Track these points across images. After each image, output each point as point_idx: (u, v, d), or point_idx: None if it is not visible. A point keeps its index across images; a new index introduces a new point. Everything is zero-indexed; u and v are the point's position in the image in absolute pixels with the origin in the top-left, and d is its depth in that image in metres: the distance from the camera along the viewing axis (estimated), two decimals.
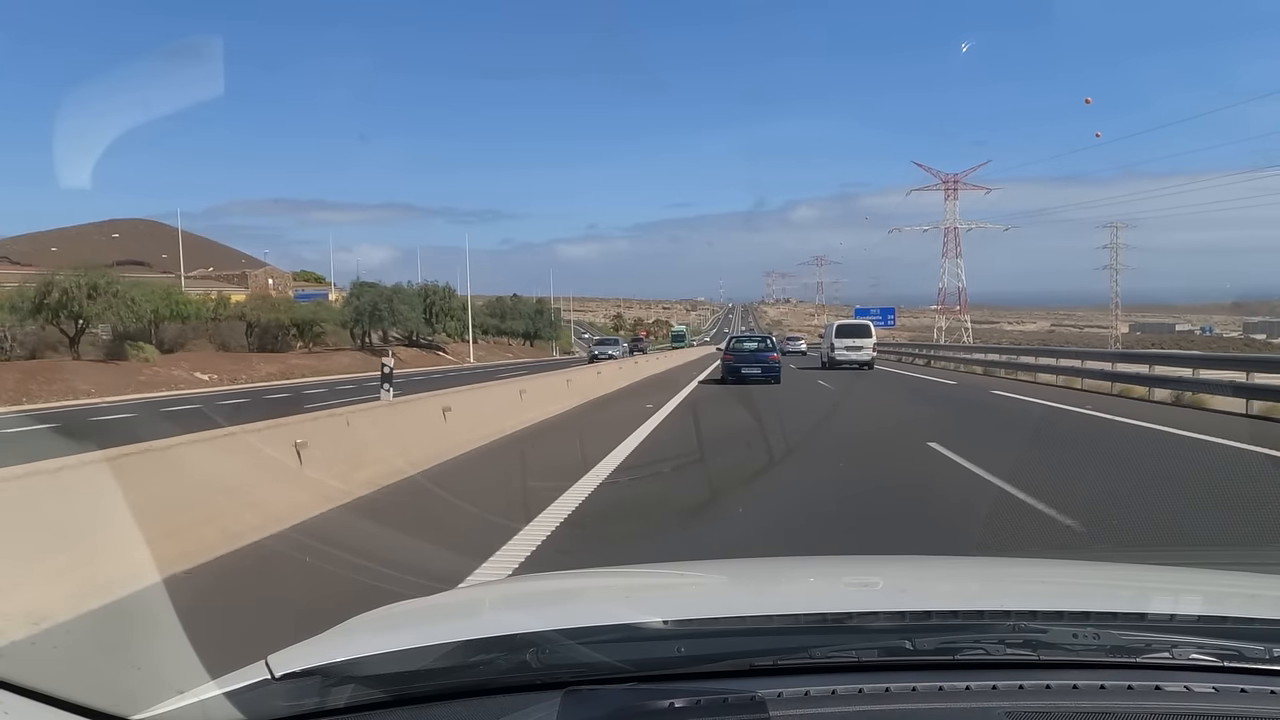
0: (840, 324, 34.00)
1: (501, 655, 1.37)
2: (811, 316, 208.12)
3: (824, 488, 7.90)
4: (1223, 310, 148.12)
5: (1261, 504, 6.86)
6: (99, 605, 4.05)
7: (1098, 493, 7.47)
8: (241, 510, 5.60)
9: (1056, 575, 2.22)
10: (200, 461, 5.56)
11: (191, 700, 1.31)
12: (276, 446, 6.43)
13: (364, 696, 1.30)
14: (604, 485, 7.89)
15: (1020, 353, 30.15)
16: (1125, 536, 5.79)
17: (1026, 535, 5.82)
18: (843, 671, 1.33)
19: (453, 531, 6.16)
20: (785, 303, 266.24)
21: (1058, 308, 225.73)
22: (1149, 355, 21.28)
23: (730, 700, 1.25)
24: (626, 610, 1.70)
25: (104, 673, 2.79)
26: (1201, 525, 6.26)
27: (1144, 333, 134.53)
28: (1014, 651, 1.35)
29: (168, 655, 2.90)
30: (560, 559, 5.13)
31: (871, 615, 1.57)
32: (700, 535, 6.03)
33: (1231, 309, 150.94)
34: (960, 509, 6.92)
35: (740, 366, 23.31)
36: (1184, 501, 7.19)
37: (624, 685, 1.31)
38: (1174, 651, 1.36)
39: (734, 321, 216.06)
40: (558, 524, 6.19)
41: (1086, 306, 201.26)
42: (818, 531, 6.18)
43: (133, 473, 4.81)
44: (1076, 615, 1.50)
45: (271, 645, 1.46)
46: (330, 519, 6.29)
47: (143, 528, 4.50)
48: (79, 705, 1.33)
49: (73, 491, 4.43)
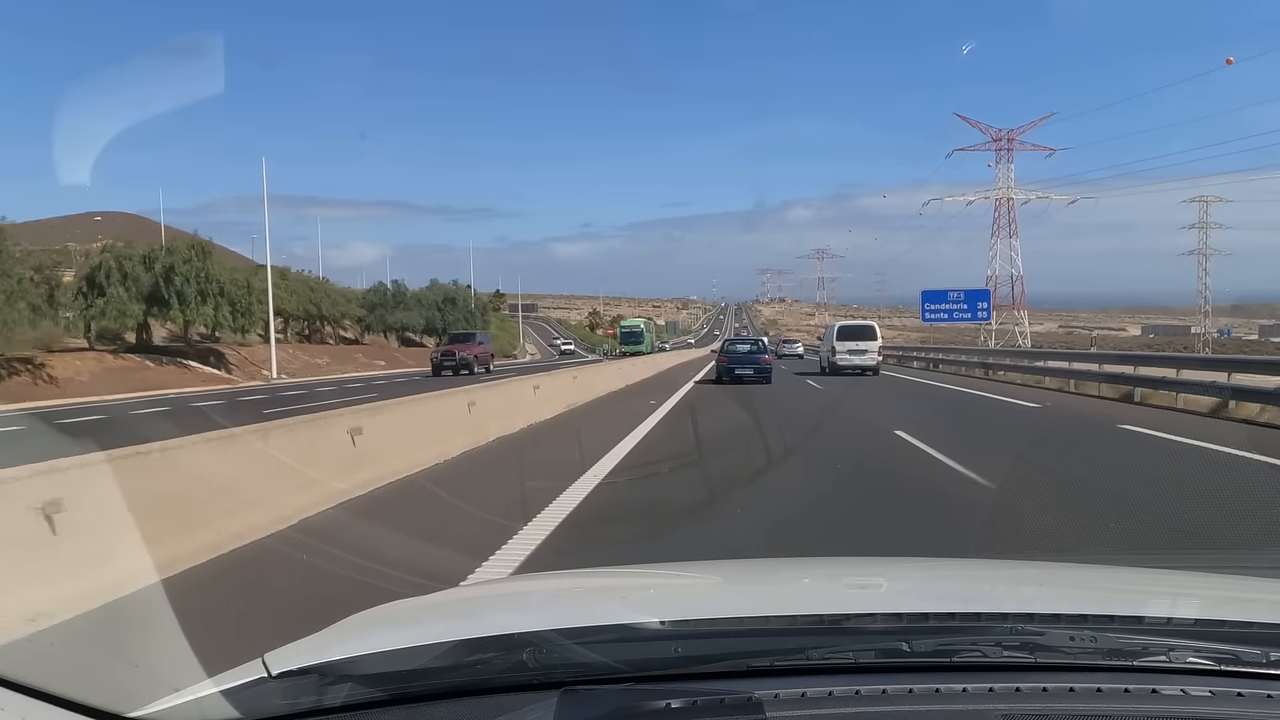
0: (842, 325, 30.82)
1: (498, 655, 1.37)
2: (810, 316, 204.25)
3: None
4: (1222, 313, 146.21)
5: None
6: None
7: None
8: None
9: (1054, 578, 2.23)
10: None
11: (188, 698, 1.31)
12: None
13: (361, 695, 1.30)
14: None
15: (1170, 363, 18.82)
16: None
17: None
18: (840, 673, 1.33)
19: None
20: (780, 302, 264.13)
21: (1116, 308, 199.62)
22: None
23: (727, 701, 1.25)
24: (623, 610, 1.70)
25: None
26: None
27: (1156, 335, 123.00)
28: (1011, 654, 1.35)
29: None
30: None
31: (869, 617, 1.57)
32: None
33: (1231, 312, 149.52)
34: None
35: (734, 367, 25.23)
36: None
37: (621, 685, 1.31)
38: (1171, 655, 1.36)
39: (727, 321, 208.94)
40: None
41: (1145, 307, 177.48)
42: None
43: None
44: (1073, 618, 1.50)
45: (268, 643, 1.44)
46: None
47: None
48: (76, 703, 1.33)
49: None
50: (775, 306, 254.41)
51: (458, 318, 62.71)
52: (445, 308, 63.65)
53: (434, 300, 64.01)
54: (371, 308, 60.88)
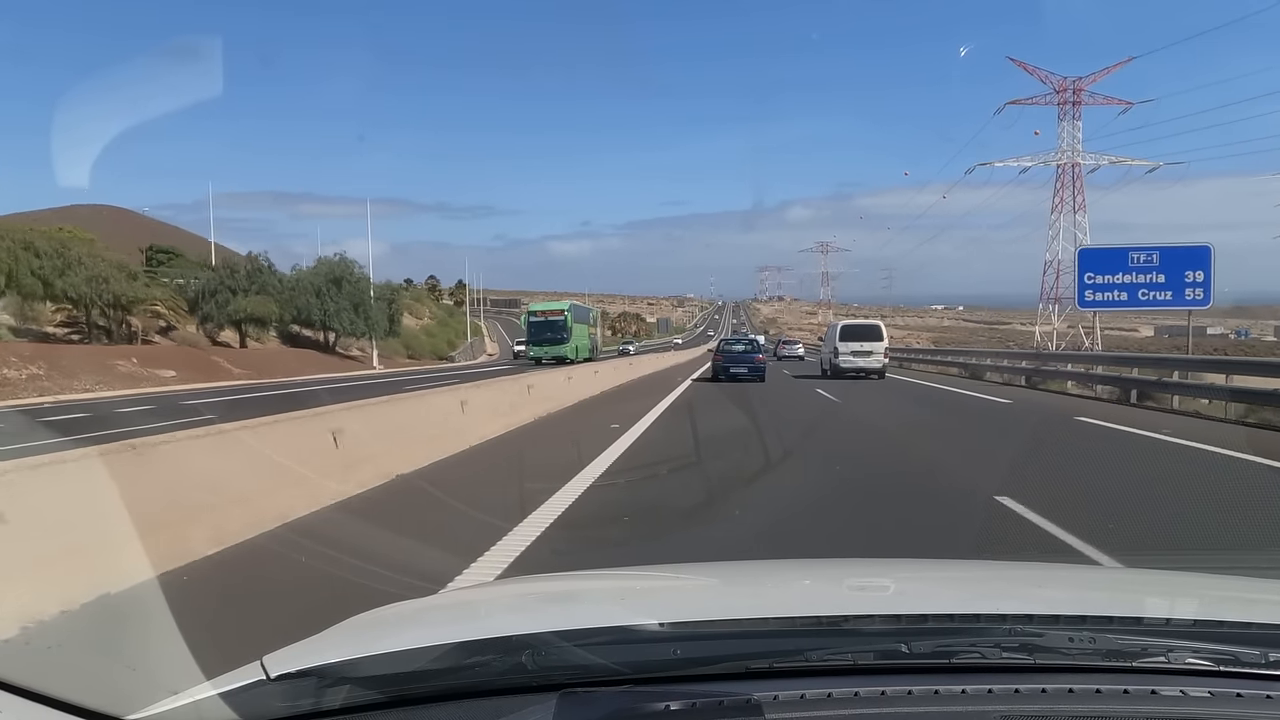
0: (845, 324, 28.51)
1: (497, 657, 1.37)
2: (811, 314, 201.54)
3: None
4: (1222, 314, 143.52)
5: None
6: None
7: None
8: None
9: (1053, 579, 2.23)
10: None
11: (186, 701, 1.31)
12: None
13: (360, 697, 1.30)
14: None
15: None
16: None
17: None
18: (839, 675, 1.33)
19: None
20: (779, 300, 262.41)
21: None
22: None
23: (726, 703, 1.25)
24: (622, 612, 1.70)
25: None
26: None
27: (1169, 335, 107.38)
28: (1010, 655, 1.35)
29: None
30: None
31: (867, 618, 1.58)
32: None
33: (1231, 312, 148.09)
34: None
35: (729, 366, 25.88)
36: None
37: (620, 687, 1.31)
38: (1170, 656, 1.36)
39: (724, 319, 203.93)
40: None
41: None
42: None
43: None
44: (1072, 619, 1.50)
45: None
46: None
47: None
48: (74, 705, 1.33)
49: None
50: (774, 305, 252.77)
51: (343, 305, 48.29)
52: (327, 293, 47.87)
53: (314, 284, 47.98)
54: (211, 293, 43.79)
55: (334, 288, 48.71)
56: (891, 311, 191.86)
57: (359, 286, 50.25)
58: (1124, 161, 64.78)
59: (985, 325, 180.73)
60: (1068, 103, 63.17)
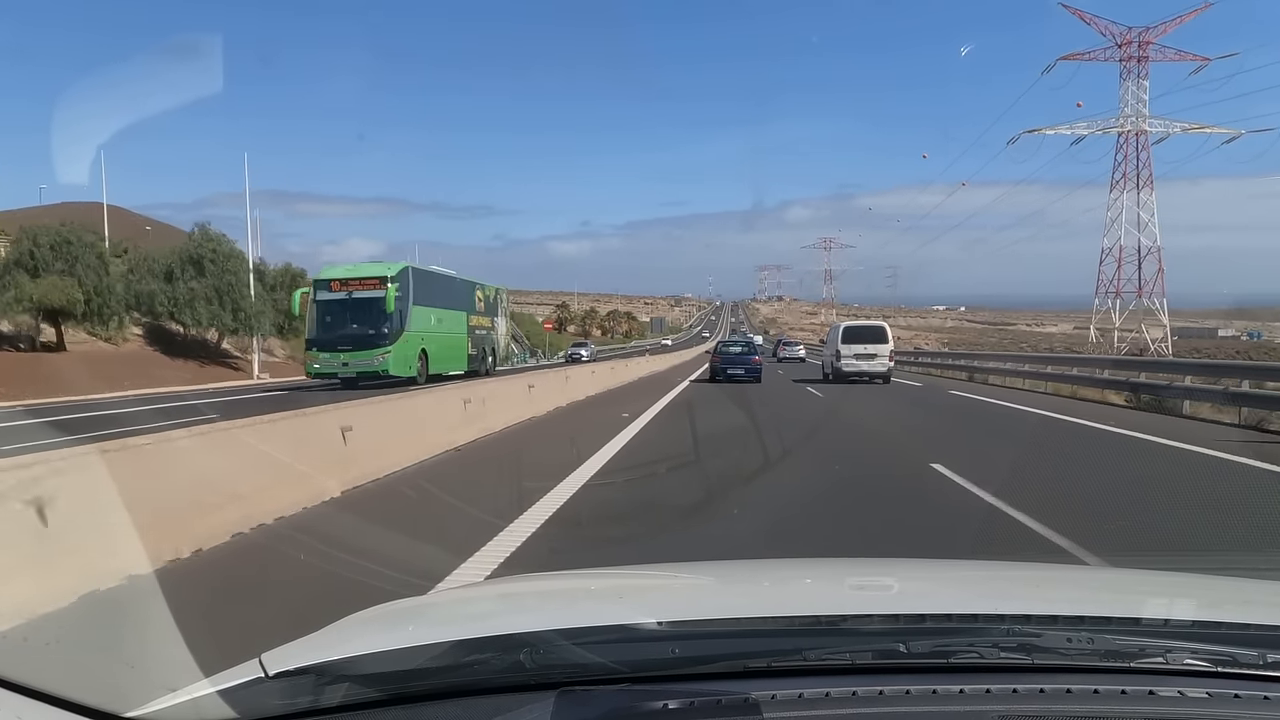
0: (848, 326, 26.75)
1: (496, 655, 1.37)
2: (812, 314, 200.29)
3: None
4: (1221, 315, 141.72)
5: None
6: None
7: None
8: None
9: (1050, 580, 2.23)
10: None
11: (185, 698, 1.31)
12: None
13: (358, 695, 1.30)
14: None
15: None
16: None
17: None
18: (837, 674, 1.33)
19: None
20: (779, 299, 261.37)
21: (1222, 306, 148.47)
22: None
23: (724, 702, 1.26)
24: (620, 611, 1.70)
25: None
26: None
27: (1183, 338, 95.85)
28: (1008, 655, 1.35)
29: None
30: None
31: (866, 618, 1.58)
32: None
33: (1231, 313, 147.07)
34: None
35: (726, 367, 26.19)
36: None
37: (618, 686, 1.31)
38: (1168, 656, 1.36)
39: (722, 319, 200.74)
40: None
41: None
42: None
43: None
44: (1071, 619, 1.50)
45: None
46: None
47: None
48: (73, 702, 1.33)
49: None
50: (773, 304, 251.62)
51: (206, 291, 35.07)
52: (181, 277, 35.06)
53: (164, 265, 35.66)
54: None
55: (192, 269, 35.54)
56: (893, 312, 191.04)
57: (227, 268, 36.22)
58: (1201, 129, 50.26)
59: (991, 326, 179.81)
60: (1132, 58, 50.97)
